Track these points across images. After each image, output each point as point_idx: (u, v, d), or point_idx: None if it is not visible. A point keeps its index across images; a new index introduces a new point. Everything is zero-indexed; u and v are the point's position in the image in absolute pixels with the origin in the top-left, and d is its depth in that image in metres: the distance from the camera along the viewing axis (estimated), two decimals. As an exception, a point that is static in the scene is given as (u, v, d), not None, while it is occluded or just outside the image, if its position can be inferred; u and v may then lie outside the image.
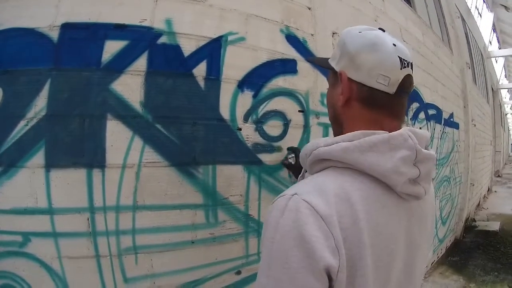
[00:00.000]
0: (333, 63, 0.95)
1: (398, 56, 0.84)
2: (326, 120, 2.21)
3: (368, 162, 0.77)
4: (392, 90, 0.85)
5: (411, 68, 0.88)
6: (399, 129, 0.84)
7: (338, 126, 0.96)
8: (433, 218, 1.02)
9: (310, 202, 0.71)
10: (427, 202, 0.94)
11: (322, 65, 1.04)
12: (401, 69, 0.84)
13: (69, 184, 1.50)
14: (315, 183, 0.79)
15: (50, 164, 1.49)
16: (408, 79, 0.87)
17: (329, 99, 1.01)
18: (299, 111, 2.09)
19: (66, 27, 1.54)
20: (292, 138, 2.05)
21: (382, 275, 0.79)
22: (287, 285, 0.69)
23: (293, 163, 1.88)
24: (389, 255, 0.80)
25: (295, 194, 0.75)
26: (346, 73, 0.88)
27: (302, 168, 1.59)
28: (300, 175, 1.28)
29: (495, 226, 7.33)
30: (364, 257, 0.73)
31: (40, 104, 1.50)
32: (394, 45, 0.86)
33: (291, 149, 1.95)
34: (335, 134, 0.98)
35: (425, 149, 0.84)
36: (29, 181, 1.48)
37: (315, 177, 0.84)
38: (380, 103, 0.86)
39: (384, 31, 0.92)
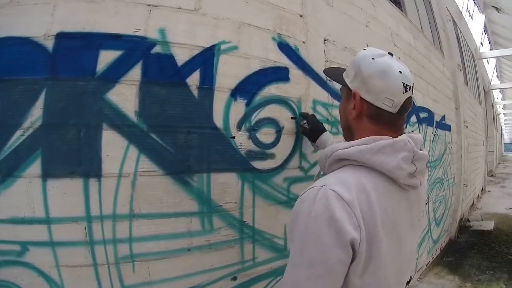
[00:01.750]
0: (347, 80, 1.17)
1: (402, 82, 1.05)
2: (318, 126, 2.24)
3: (378, 161, 1.00)
4: (395, 110, 1.07)
5: (412, 90, 1.09)
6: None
7: (350, 133, 1.18)
8: (424, 201, 1.24)
9: (337, 191, 0.91)
10: (422, 191, 1.17)
11: (338, 81, 1.26)
12: (403, 93, 1.05)
13: (66, 194, 1.51)
14: (338, 177, 0.99)
15: (46, 174, 1.49)
16: (408, 100, 1.09)
17: (342, 110, 1.24)
18: (291, 118, 2.11)
19: (61, 36, 1.55)
20: (285, 145, 2.07)
21: (393, 248, 1.00)
22: (320, 260, 0.88)
23: (307, 127, 2.02)
24: (396, 233, 1.02)
25: (324, 185, 0.94)
26: (359, 93, 1.10)
27: (315, 132, 2.02)
28: (316, 174, 1.59)
29: (489, 225, 7.38)
30: (379, 233, 0.93)
31: (36, 114, 1.50)
32: (400, 72, 1.05)
33: (302, 115, 2.10)
34: (346, 139, 1.23)
35: (420, 149, 1.06)
36: (26, 191, 1.48)
37: (336, 173, 1.05)
38: (384, 120, 1.08)
39: (392, 55, 1.12)
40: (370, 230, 0.92)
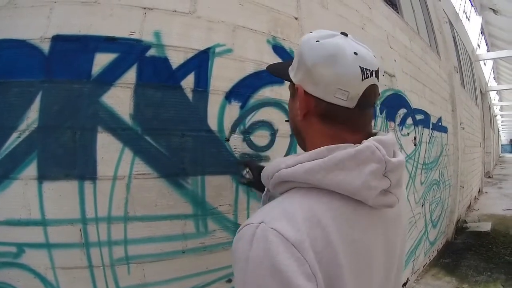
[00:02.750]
0: (291, 74, 0.91)
1: (360, 66, 0.78)
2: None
3: (335, 181, 0.74)
4: (351, 104, 0.80)
5: (377, 75, 0.83)
6: (359, 141, 0.80)
7: (301, 139, 0.94)
8: (407, 215, 0.98)
9: (278, 229, 0.67)
10: (400, 204, 0.88)
11: (279, 76, 0.99)
12: (362, 80, 0.78)
13: (62, 196, 1.51)
14: (281, 208, 0.74)
15: (42, 176, 1.50)
16: (371, 89, 0.82)
17: (289, 111, 0.98)
18: (286, 120, 2.07)
19: (57, 39, 1.56)
20: (280, 148, 2.08)
21: (364, 286, 0.78)
22: None
23: (251, 178, 1.74)
24: (368, 267, 0.79)
25: (262, 222, 0.70)
26: (303, 87, 0.84)
27: (259, 179, 1.59)
28: (264, 193, 1.15)
29: (486, 226, 7.38)
30: (342, 276, 0.70)
31: (32, 116, 1.50)
32: (356, 53, 0.79)
33: (243, 164, 1.84)
34: (300, 145, 0.98)
35: (393, 155, 0.81)
36: (22, 193, 1.48)
37: (281, 200, 0.79)
38: (340, 119, 0.82)
39: (346, 35, 0.84)
40: (330, 274, 0.69)
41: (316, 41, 0.82)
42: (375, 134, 0.85)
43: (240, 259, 0.69)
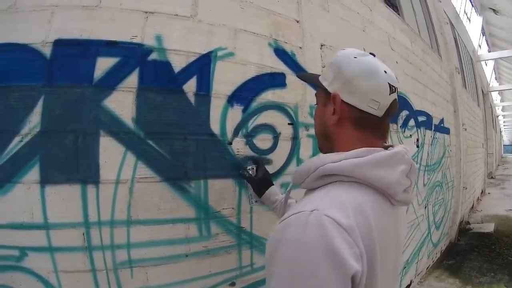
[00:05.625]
0: (325, 83, 1.04)
1: (388, 83, 0.94)
2: (315, 131, 2.24)
3: (377, 176, 0.87)
4: (380, 113, 0.95)
5: (397, 92, 0.98)
6: (382, 147, 0.97)
7: (328, 142, 1.05)
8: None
9: (332, 216, 0.76)
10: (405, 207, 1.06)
11: (313, 83, 1.12)
12: (389, 94, 0.94)
13: (64, 200, 1.52)
14: (330, 197, 0.85)
15: (45, 180, 1.50)
16: (394, 103, 0.98)
17: (318, 116, 1.10)
18: (288, 123, 2.12)
19: (59, 43, 1.56)
20: (282, 151, 2.08)
21: (385, 273, 0.87)
22: None
23: (253, 175, 1.82)
24: (388, 255, 0.90)
25: (315, 209, 0.78)
26: (340, 96, 0.97)
27: (261, 180, 1.80)
28: (287, 190, 1.30)
29: (489, 227, 7.37)
30: (377, 260, 0.80)
31: (34, 120, 1.51)
32: (385, 72, 0.95)
33: (252, 159, 1.91)
34: (323, 148, 1.09)
35: None
36: (25, 197, 1.49)
37: (327, 192, 0.88)
38: (369, 125, 0.97)
39: (374, 56, 1.00)
40: (370, 258, 0.78)
41: (354, 57, 0.98)
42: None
43: (290, 242, 0.76)
